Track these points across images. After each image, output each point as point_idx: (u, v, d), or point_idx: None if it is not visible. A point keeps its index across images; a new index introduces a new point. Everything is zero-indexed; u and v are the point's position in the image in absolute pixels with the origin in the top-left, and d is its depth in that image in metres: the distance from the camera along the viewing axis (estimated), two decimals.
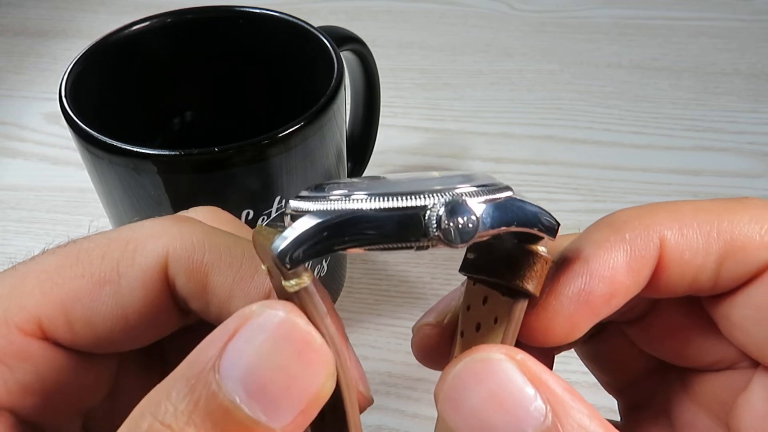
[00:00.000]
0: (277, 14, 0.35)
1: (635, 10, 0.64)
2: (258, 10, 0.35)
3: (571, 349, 0.21)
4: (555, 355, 0.20)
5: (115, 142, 0.27)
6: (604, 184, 0.47)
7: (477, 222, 0.14)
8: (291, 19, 0.34)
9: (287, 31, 0.34)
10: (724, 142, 0.50)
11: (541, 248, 0.16)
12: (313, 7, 0.67)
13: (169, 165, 0.27)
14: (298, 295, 0.14)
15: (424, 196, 0.14)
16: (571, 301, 0.17)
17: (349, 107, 0.40)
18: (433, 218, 0.14)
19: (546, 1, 0.66)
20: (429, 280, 0.42)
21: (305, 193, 0.14)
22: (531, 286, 0.16)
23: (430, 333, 0.19)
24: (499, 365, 0.15)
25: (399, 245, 0.14)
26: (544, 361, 0.16)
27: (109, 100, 0.34)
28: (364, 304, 0.41)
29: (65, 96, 0.29)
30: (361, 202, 0.14)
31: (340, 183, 0.15)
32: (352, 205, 0.14)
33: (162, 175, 0.27)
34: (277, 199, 0.30)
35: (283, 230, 0.14)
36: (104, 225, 0.32)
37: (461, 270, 0.18)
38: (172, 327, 0.18)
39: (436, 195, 0.14)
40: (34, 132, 0.54)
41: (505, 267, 0.16)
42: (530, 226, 0.15)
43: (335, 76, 0.30)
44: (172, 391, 0.13)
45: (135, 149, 0.26)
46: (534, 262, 0.16)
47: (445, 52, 0.61)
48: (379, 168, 0.48)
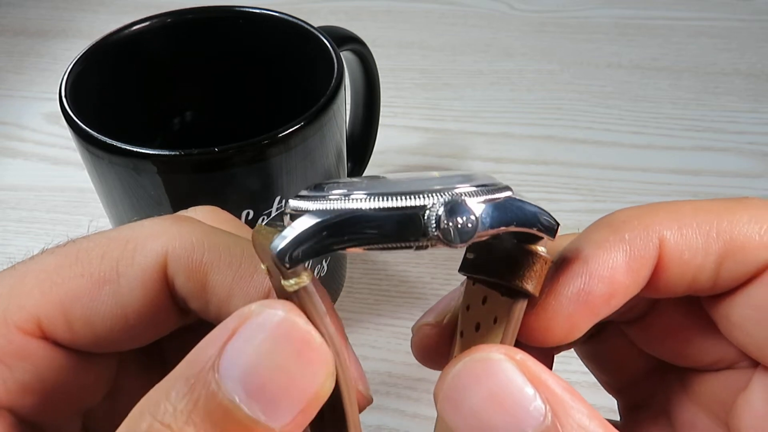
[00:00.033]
0: (277, 14, 0.35)
1: (635, 10, 0.64)
2: (258, 10, 0.35)
3: (571, 348, 0.21)
4: (554, 355, 0.20)
5: (115, 142, 0.27)
6: (604, 184, 0.47)
7: (476, 222, 0.14)
8: (291, 19, 0.34)
9: (287, 31, 0.34)
10: (724, 142, 0.50)
11: (541, 248, 0.16)
12: (313, 7, 0.67)
13: (169, 165, 0.27)
14: (297, 294, 0.14)
15: (424, 196, 0.14)
16: (571, 301, 0.17)
17: (349, 107, 0.40)
18: (433, 218, 0.14)
19: (546, 1, 0.66)
20: (429, 280, 0.42)
21: (305, 193, 0.14)
22: (530, 286, 0.16)
23: (430, 333, 0.19)
24: (499, 365, 0.15)
25: (398, 245, 0.14)
26: (543, 361, 0.16)
27: (109, 100, 0.34)
28: (364, 304, 0.41)
29: (65, 96, 0.29)
30: (361, 201, 0.14)
31: (340, 182, 0.15)
32: (352, 205, 0.14)
33: (162, 175, 0.27)
34: (277, 199, 0.30)
35: (283, 230, 0.14)
36: (104, 225, 0.32)
37: (461, 270, 0.18)
38: (171, 326, 0.18)
39: (436, 195, 0.14)
40: (34, 132, 0.54)
41: (504, 267, 0.16)
42: (529, 226, 0.15)
43: (335, 76, 0.30)
44: (172, 391, 0.13)
45: (135, 149, 0.26)
46: (533, 262, 0.16)
47: (445, 52, 0.61)
48: (379, 168, 0.48)
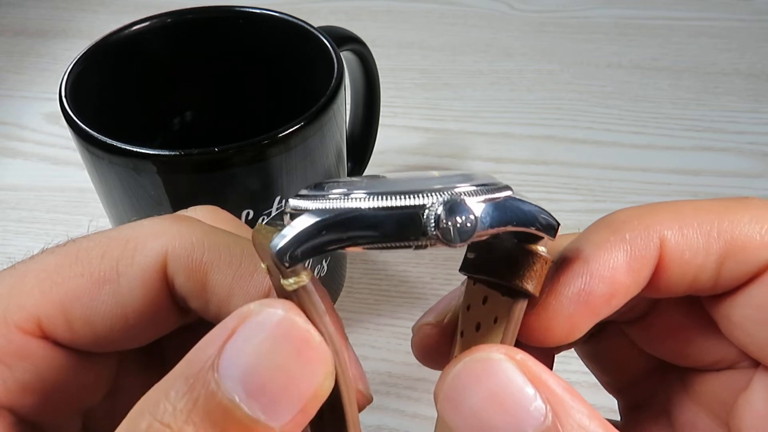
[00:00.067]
0: (277, 14, 0.35)
1: (635, 10, 0.64)
2: (258, 10, 0.35)
3: (571, 348, 0.21)
4: (555, 355, 0.20)
5: (115, 142, 0.27)
6: (604, 184, 0.47)
7: (475, 221, 0.14)
8: (291, 19, 0.34)
9: (287, 31, 0.34)
10: (724, 142, 0.50)
11: (541, 248, 0.16)
12: (313, 7, 0.67)
13: (169, 165, 0.27)
14: (297, 293, 0.14)
15: (423, 195, 0.14)
16: (571, 302, 0.17)
17: (349, 107, 0.40)
18: (432, 217, 0.14)
19: (546, 1, 0.66)
20: (429, 280, 0.42)
21: (305, 192, 0.14)
22: (530, 286, 0.16)
23: (430, 333, 0.19)
24: (499, 365, 0.15)
25: (397, 244, 0.14)
26: (544, 361, 0.15)
27: (109, 100, 0.34)
28: (364, 304, 0.41)
29: (65, 96, 0.29)
30: (360, 201, 0.14)
31: (340, 182, 0.15)
32: (351, 204, 0.14)
33: (162, 175, 0.27)
34: (277, 199, 0.30)
35: (282, 229, 0.14)
36: (104, 225, 0.32)
37: (461, 269, 0.18)
38: (171, 326, 0.18)
39: (435, 194, 0.14)
40: (34, 132, 0.54)
41: (504, 267, 0.16)
42: (529, 225, 0.15)
43: (335, 76, 0.30)
44: (171, 391, 0.13)
45: (135, 149, 0.26)
46: (533, 262, 0.16)
47: (445, 52, 0.61)
48: (379, 168, 0.47)
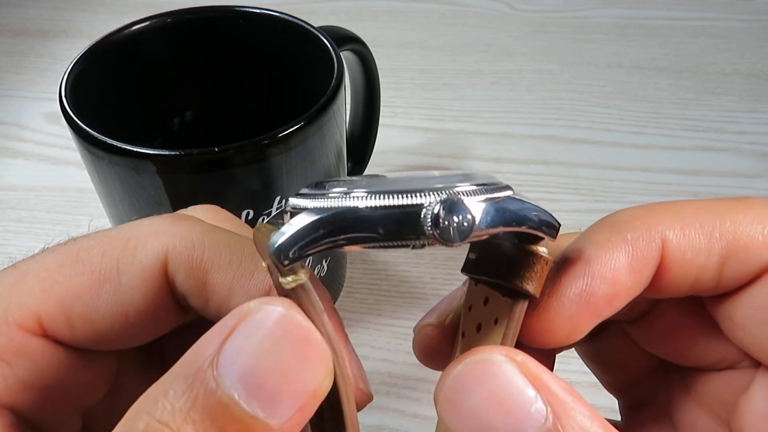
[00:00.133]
0: (277, 14, 0.35)
1: (635, 10, 0.64)
2: (258, 10, 0.35)
3: (572, 348, 0.21)
4: (556, 355, 0.20)
5: (115, 142, 0.27)
6: (604, 184, 0.47)
7: (472, 221, 0.14)
8: (291, 19, 0.34)
9: (287, 31, 0.34)
10: (724, 142, 0.50)
11: (542, 249, 0.16)
12: (313, 7, 0.67)
13: (169, 165, 0.27)
14: (295, 292, 0.14)
15: (421, 195, 0.14)
16: (573, 303, 0.17)
17: (349, 107, 0.40)
18: (429, 217, 0.13)
19: (546, 1, 0.66)
20: (429, 280, 0.42)
21: (305, 191, 0.14)
22: (531, 287, 0.16)
23: (432, 333, 0.19)
24: (499, 366, 0.15)
25: (395, 243, 0.14)
26: (544, 362, 0.15)
27: (109, 100, 0.34)
28: (364, 304, 0.41)
29: (65, 96, 0.29)
30: (359, 200, 0.14)
31: (340, 181, 0.15)
32: (349, 203, 0.14)
33: (162, 175, 0.27)
34: (277, 199, 0.30)
35: (282, 227, 0.14)
36: (104, 225, 0.31)
37: (463, 270, 0.18)
38: (171, 324, 0.18)
39: (433, 193, 0.14)
40: (34, 132, 0.54)
41: (505, 267, 0.16)
42: (530, 226, 0.15)
43: (335, 76, 0.30)
44: (170, 389, 0.13)
45: (135, 149, 0.26)
46: (534, 263, 0.16)
47: (445, 52, 0.61)
48: (379, 168, 0.47)
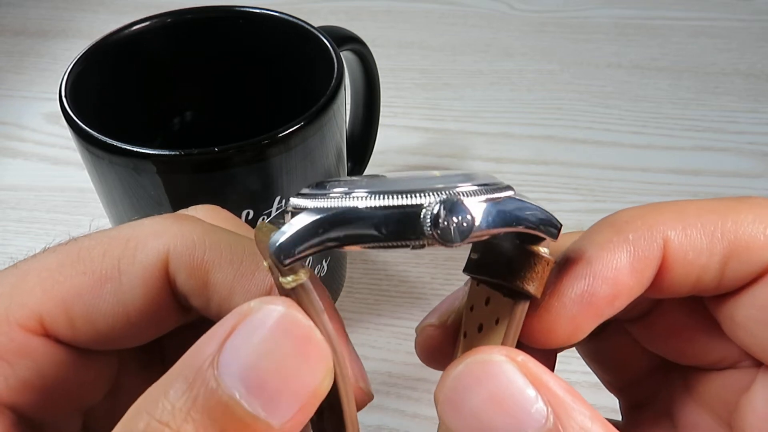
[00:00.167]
0: (277, 14, 0.35)
1: (635, 10, 0.64)
2: (258, 10, 0.35)
3: (573, 347, 0.21)
4: (557, 355, 0.20)
5: (115, 142, 0.27)
6: (604, 184, 0.47)
7: (472, 221, 0.14)
8: (291, 19, 0.34)
9: (287, 31, 0.34)
10: (724, 142, 0.50)
11: (543, 249, 0.16)
12: (313, 7, 0.67)
13: (169, 165, 0.27)
14: (295, 291, 0.14)
15: (420, 195, 0.14)
16: (574, 303, 0.17)
17: (349, 107, 0.40)
18: (428, 217, 0.13)
19: (546, 1, 0.66)
20: (429, 280, 0.42)
21: (306, 191, 0.15)
22: (532, 288, 0.16)
23: (433, 334, 0.19)
24: (500, 367, 0.15)
25: (394, 244, 0.14)
26: (545, 362, 0.15)
27: (109, 100, 0.34)
28: (364, 304, 0.41)
29: (65, 96, 0.29)
30: (358, 200, 0.14)
31: (341, 181, 0.15)
32: (349, 203, 0.14)
33: (162, 175, 0.27)
34: (277, 199, 0.30)
35: (282, 227, 0.14)
36: (104, 225, 0.31)
37: (465, 270, 0.18)
38: (172, 324, 0.18)
39: (433, 194, 0.14)
40: (34, 132, 0.53)
41: (506, 268, 0.16)
42: (530, 226, 0.15)
43: (335, 76, 0.30)
44: (170, 389, 0.13)
45: (135, 149, 0.26)
46: (535, 263, 0.16)
47: (445, 52, 0.61)
48: (379, 168, 0.47)
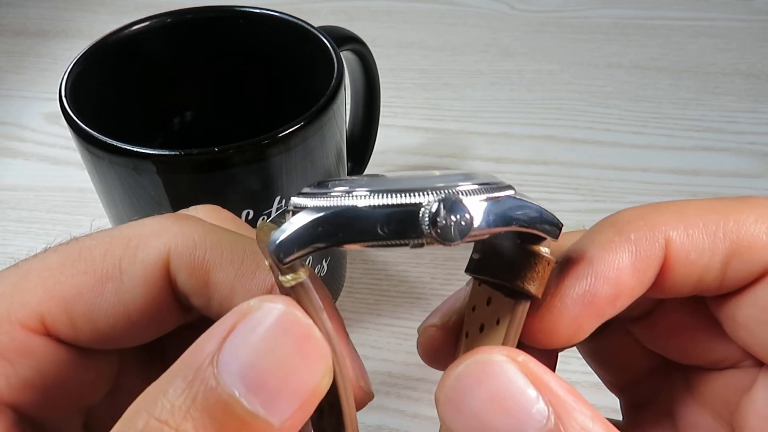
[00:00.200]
0: (277, 14, 0.35)
1: (635, 10, 0.64)
2: (258, 10, 0.35)
3: (573, 347, 0.21)
4: (558, 355, 0.20)
5: (115, 142, 0.27)
6: (604, 184, 0.47)
7: (470, 220, 0.14)
8: (291, 19, 0.34)
9: (287, 31, 0.34)
10: (724, 142, 0.50)
11: (544, 249, 0.16)
12: (313, 7, 0.67)
13: (169, 165, 0.27)
14: (294, 290, 0.14)
15: (419, 194, 0.14)
16: (576, 303, 0.17)
17: (349, 107, 0.40)
18: (427, 216, 0.13)
19: (546, 1, 0.66)
20: (429, 280, 0.42)
21: (307, 190, 0.15)
22: (533, 288, 0.16)
23: (435, 334, 0.19)
24: (500, 367, 0.15)
25: (393, 242, 0.14)
26: (546, 362, 0.15)
27: (109, 100, 0.34)
28: (364, 304, 0.41)
29: (65, 96, 0.29)
30: (357, 198, 0.14)
31: (342, 180, 0.15)
32: (348, 202, 0.14)
33: (162, 175, 0.27)
34: (277, 199, 0.30)
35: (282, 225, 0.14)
36: (104, 225, 0.31)
37: (467, 270, 0.18)
38: (173, 324, 0.18)
39: (432, 192, 0.14)
40: (34, 132, 0.53)
41: (507, 268, 0.16)
42: (530, 226, 0.15)
43: (335, 76, 0.30)
44: (169, 388, 0.13)
45: (135, 149, 0.26)
46: (536, 263, 0.16)
47: (445, 52, 0.61)
48: (379, 168, 0.47)
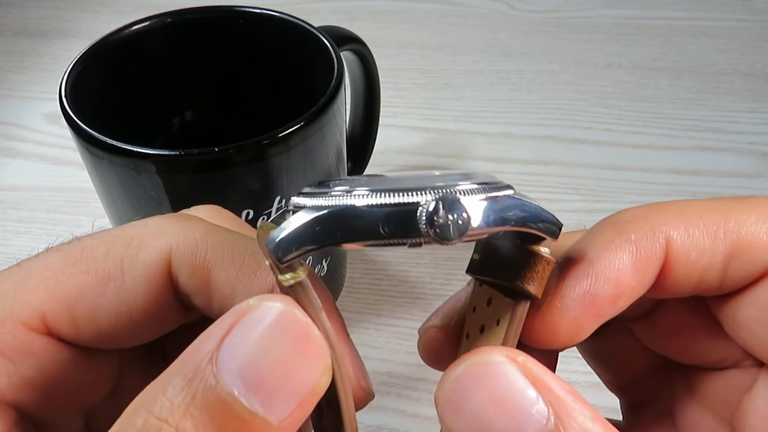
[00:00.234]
0: (277, 14, 0.35)
1: (635, 10, 0.64)
2: (258, 10, 0.35)
3: (574, 347, 0.21)
4: (558, 355, 0.20)
5: (115, 142, 0.27)
6: (604, 184, 0.47)
7: (468, 219, 0.14)
8: (291, 19, 0.34)
9: (287, 31, 0.34)
10: (724, 142, 0.50)
11: (544, 249, 0.16)
12: (313, 7, 0.67)
13: (169, 165, 0.27)
14: (293, 289, 0.14)
15: (417, 193, 0.14)
16: (576, 303, 0.17)
17: (349, 107, 0.40)
18: (424, 215, 0.14)
19: (546, 1, 0.66)
20: (429, 280, 0.42)
21: (307, 190, 0.15)
22: (532, 288, 0.16)
23: (436, 335, 0.19)
24: (500, 367, 0.15)
25: (392, 241, 0.14)
26: (547, 362, 0.15)
27: (109, 100, 0.34)
28: (364, 304, 0.41)
29: (65, 96, 0.29)
30: (356, 198, 0.14)
31: (342, 180, 0.15)
32: (347, 201, 0.14)
33: (162, 175, 0.27)
34: (277, 199, 0.30)
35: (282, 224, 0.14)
36: (104, 225, 0.32)
37: (467, 271, 0.18)
38: (174, 323, 0.18)
39: (430, 192, 0.14)
40: (34, 132, 0.53)
41: (507, 268, 0.16)
42: (530, 226, 0.15)
43: (335, 76, 0.30)
44: (168, 386, 0.13)
45: (135, 149, 0.26)
46: (536, 264, 0.16)
47: (445, 52, 0.61)
48: (379, 168, 0.47)
